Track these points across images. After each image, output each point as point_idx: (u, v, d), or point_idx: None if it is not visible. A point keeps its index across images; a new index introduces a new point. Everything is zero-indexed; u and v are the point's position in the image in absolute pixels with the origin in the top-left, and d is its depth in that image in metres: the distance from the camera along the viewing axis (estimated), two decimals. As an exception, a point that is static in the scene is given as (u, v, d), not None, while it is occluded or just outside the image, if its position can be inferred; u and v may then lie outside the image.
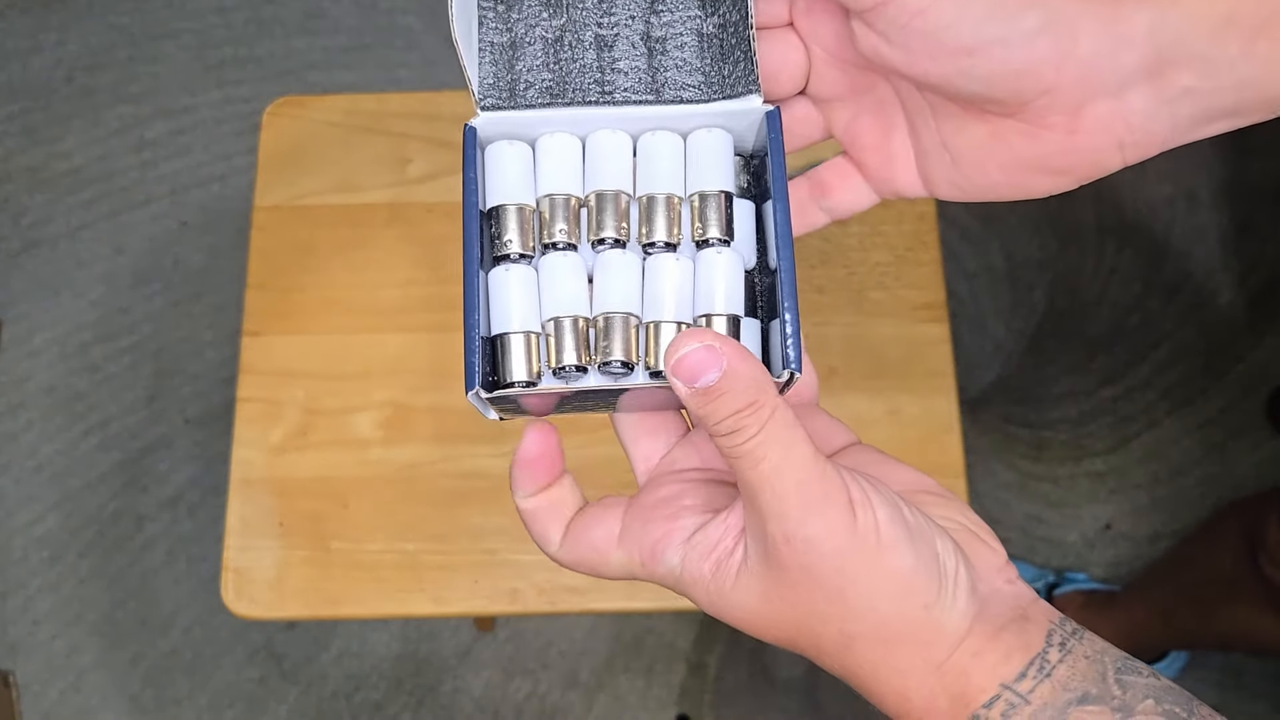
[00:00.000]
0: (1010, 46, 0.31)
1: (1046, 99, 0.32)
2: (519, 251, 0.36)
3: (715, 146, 0.37)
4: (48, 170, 1.55)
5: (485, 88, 0.37)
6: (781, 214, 0.35)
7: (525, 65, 0.37)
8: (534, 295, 0.36)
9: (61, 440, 1.44)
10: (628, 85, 0.37)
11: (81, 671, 1.36)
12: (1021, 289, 1.48)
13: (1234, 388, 1.43)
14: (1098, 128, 0.33)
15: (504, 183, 0.36)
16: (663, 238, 0.36)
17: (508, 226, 0.36)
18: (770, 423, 0.31)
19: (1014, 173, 0.35)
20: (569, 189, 0.36)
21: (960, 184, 0.36)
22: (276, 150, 0.88)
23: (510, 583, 0.78)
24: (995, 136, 0.34)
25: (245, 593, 0.78)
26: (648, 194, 0.36)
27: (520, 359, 0.35)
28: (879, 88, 0.38)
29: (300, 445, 0.81)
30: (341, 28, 1.60)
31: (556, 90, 0.37)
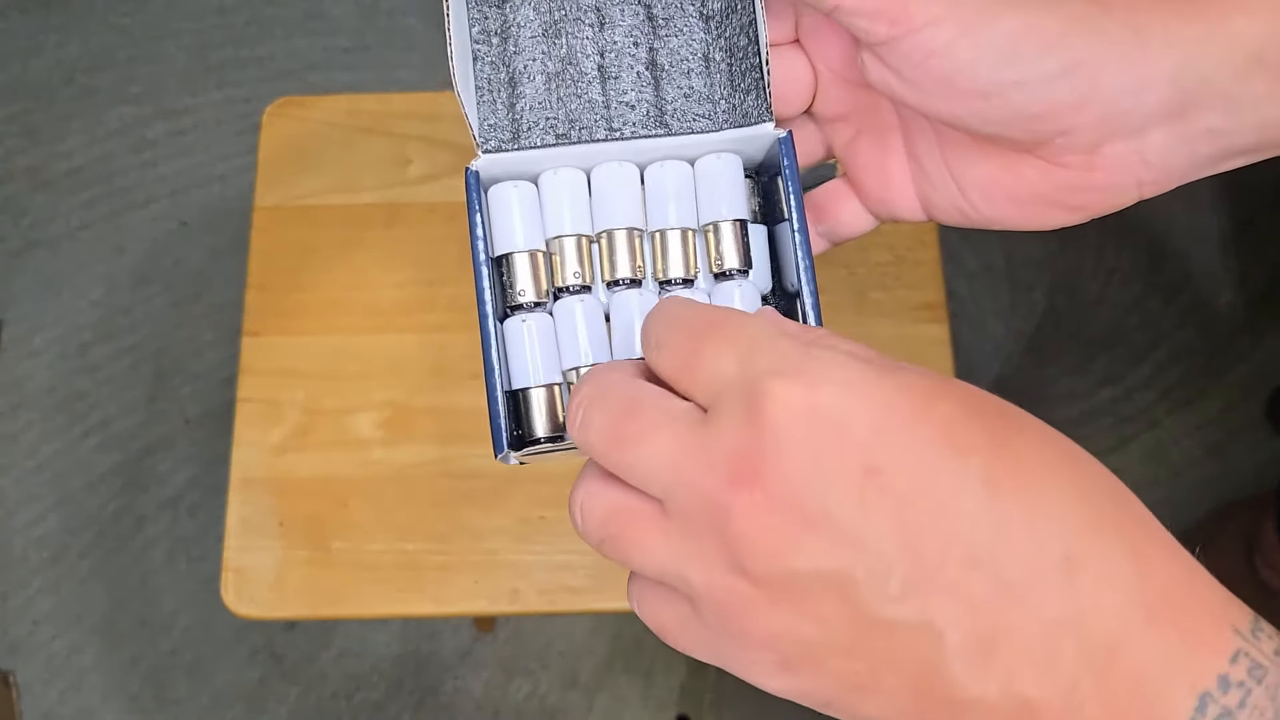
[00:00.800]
0: (1029, 90, 0.30)
1: (1064, 139, 0.31)
2: (533, 300, 0.34)
3: (726, 172, 0.36)
4: (48, 170, 1.55)
5: (486, 129, 0.35)
6: (803, 241, 0.34)
7: (526, 104, 0.36)
8: (552, 344, 0.35)
9: (61, 440, 1.43)
10: (635, 119, 0.36)
11: (81, 671, 1.35)
12: (1021, 289, 1.47)
13: (1234, 388, 1.43)
14: (1116, 166, 0.32)
15: (511, 228, 0.35)
16: (679, 274, 0.35)
17: (519, 275, 0.34)
18: None
19: (1025, 206, 0.34)
20: (578, 228, 0.35)
21: (966, 212, 0.35)
22: (276, 150, 0.88)
23: (510, 583, 0.78)
24: (1007, 169, 0.33)
25: (245, 593, 0.78)
26: (660, 229, 0.35)
27: (543, 414, 0.34)
28: (882, 109, 0.37)
29: (300, 445, 0.81)
30: (342, 28, 1.60)
31: (561, 129, 0.35)
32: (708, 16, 0.36)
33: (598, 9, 0.36)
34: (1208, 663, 0.23)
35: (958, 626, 0.24)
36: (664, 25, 0.36)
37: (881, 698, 0.25)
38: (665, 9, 0.36)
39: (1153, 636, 0.24)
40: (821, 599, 0.24)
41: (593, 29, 0.36)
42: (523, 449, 0.34)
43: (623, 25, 0.36)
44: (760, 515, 0.24)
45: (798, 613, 0.25)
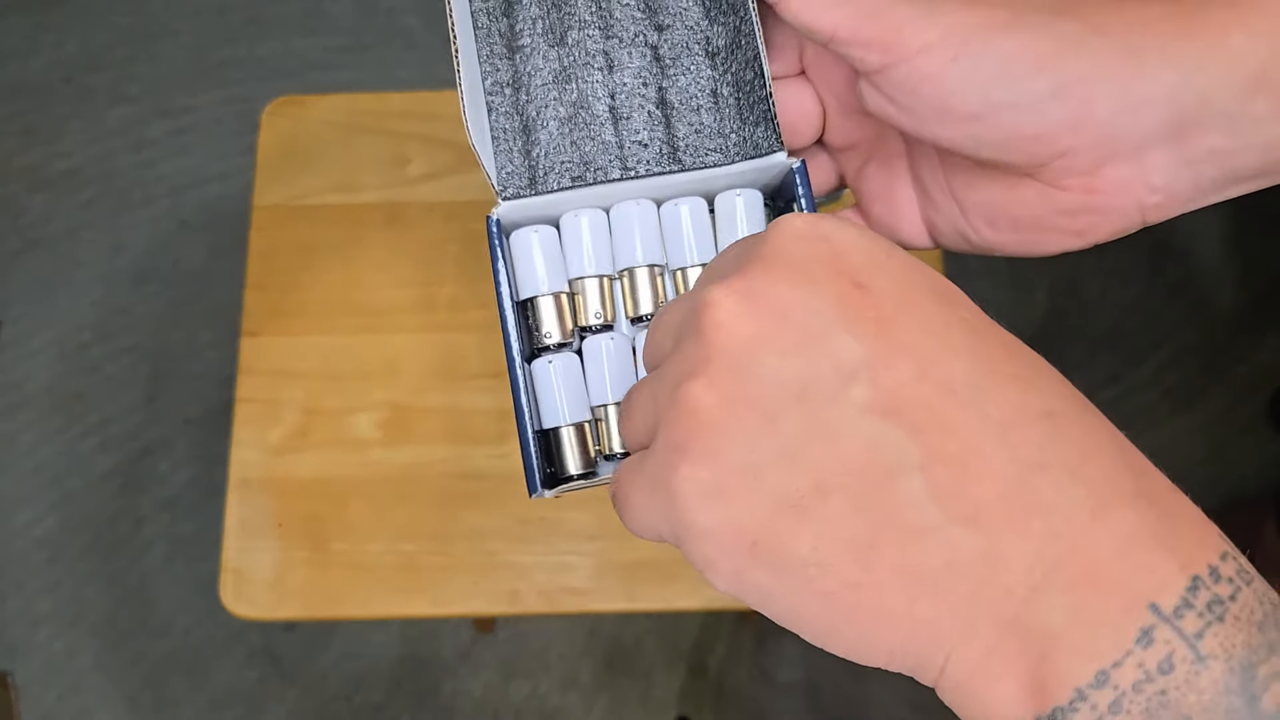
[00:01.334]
0: (1021, 111, 0.30)
1: (1063, 162, 0.31)
2: (558, 341, 0.35)
3: (744, 209, 0.36)
4: (47, 170, 1.55)
5: (504, 176, 0.36)
6: None
7: (542, 149, 0.36)
8: (579, 383, 0.35)
9: (60, 441, 1.43)
10: (649, 158, 0.36)
11: (80, 672, 1.35)
12: (1023, 289, 1.47)
13: (1235, 389, 1.43)
14: (1117, 189, 0.31)
15: (534, 272, 0.36)
16: None
17: (544, 319, 0.35)
18: None
19: (1027, 230, 0.34)
20: (600, 269, 0.36)
21: (970, 238, 0.35)
22: (275, 150, 0.88)
23: (510, 584, 0.78)
24: (1009, 193, 0.33)
25: (244, 594, 0.78)
26: (680, 268, 0.36)
27: (574, 451, 0.35)
28: (890, 137, 0.37)
29: (299, 446, 0.81)
30: (341, 27, 1.60)
31: (577, 171, 0.36)
32: (713, 53, 0.37)
33: (606, 53, 0.37)
34: (1197, 552, 0.22)
35: (925, 444, 0.22)
36: (671, 65, 0.37)
37: (819, 525, 0.23)
38: (672, 49, 0.37)
39: (1141, 509, 0.22)
40: (776, 399, 0.23)
41: (602, 72, 0.37)
42: (555, 486, 0.34)
43: (631, 67, 0.37)
44: (734, 303, 0.24)
45: (749, 415, 0.23)
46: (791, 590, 0.23)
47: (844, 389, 0.23)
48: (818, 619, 0.23)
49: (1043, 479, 0.22)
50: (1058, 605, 0.21)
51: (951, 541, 0.22)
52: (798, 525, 0.23)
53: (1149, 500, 0.22)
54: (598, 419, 0.35)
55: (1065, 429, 0.23)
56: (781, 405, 0.23)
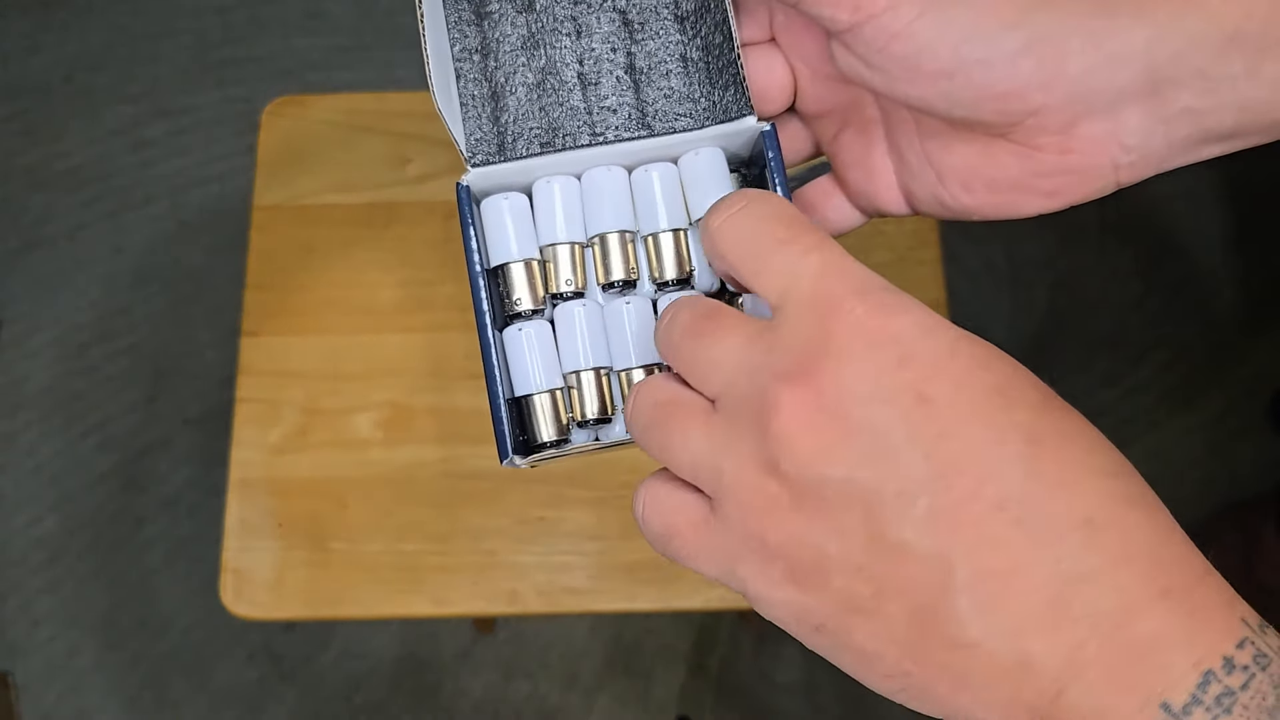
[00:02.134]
0: (992, 68, 0.30)
1: (1035, 120, 0.31)
2: (530, 308, 0.35)
3: (710, 167, 0.36)
4: (47, 170, 1.55)
5: (473, 143, 0.36)
6: None
7: (511, 115, 0.36)
8: (551, 350, 0.35)
9: (60, 441, 1.43)
10: (618, 123, 0.36)
11: (80, 672, 1.35)
12: (1023, 289, 1.47)
13: (1235, 389, 1.43)
14: (1091, 148, 0.31)
15: (505, 238, 0.36)
16: (673, 275, 0.35)
17: (515, 285, 0.35)
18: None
19: (1002, 193, 0.34)
20: (571, 235, 0.36)
21: (946, 202, 0.35)
22: (275, 150, 0.88)
23: (510, 584, 0.78)
24: (984, 155, 0.33)
25: (244, 593, 0.78)
26: (652, 233, 0.36)
27: (547, 419, 0.34)
28: (864, 104, 0.36)
29: (299, 446, 0.81)
30: (341, 27, 1.60)
31: (546, 138, 0.36)
32: (682, 18, 0.37)
33: (574, 18, 0.37)
34: (1214, 643, 0.23)
35: (972, 563, 0.24)
36: (640, 29, 0.37)
37: (877, 625, 0.25)
38: (640, 13, 0.37)
39: (1163, 610, 0.23)
40: (845, 510, 0.25)
41: (570, 38, 0.37)
42: (529, 455, 0.34)
43: (600, 32, 0.37)
44: (805, 413, 0.25)
45: (818, 520, 0.25)
46: (849, 662, 0.26)
47: (907, 508, 0.24)
48: (872, 684, 0.26)
49: (1078, 590, 0.24)
50: (1083, 705, 0.23)
51: (992, 653, 0.24)
52: (858, 622, 0.25)
53: (1177, 597, 0.24)
54: (570, 386, 0.35)
55: (1103, 535, 0.24)
56: (849, 517, 0.25)
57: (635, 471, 0.79)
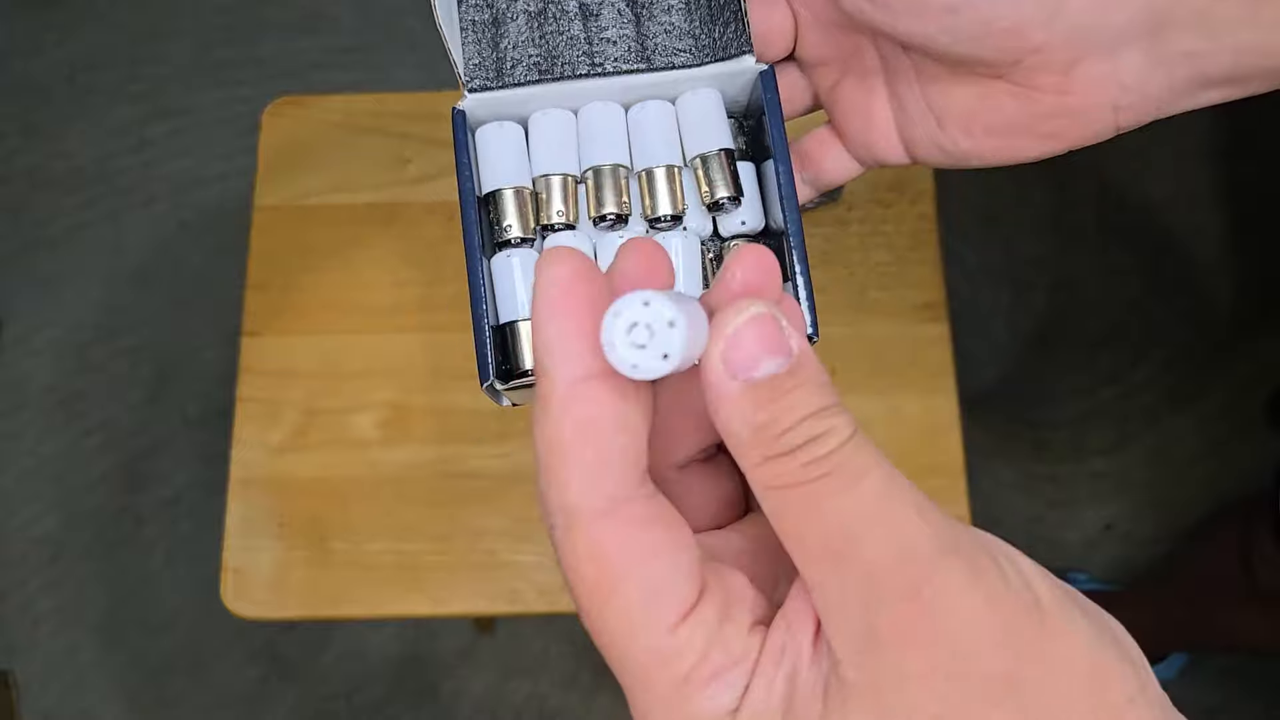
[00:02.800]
0: (996, 3, 0.30)
1: (1036, 58, 0.31)
2: (520, 235, 0.35)
3: (706, 106, 0.36)
4: (48, 170, 1.55)
5: (471, 68, 0.36)
6: (785, 174, 0.34)
7: (510, 42, 0.36)
8: None
9: (61, 440, 1.43)
10: (617, 55, 0.36)
11: (81, 671, 1.35)
12: (1022, 288, 1.47)
13: (1235, 387, 1.43)
14: (1091, 89, 0.31)
15: (498, 166, 0.35)
16: (667, 211, 0.35)
17: (506, 211, 0.35)
18: (858, 428, 0.21)
19: (1002, 136, 0.33)
20: (565, 168, 0.35)
21: (945, 148, 0.35)
22: (276, 150, 0.88)
23: (510, 583, 0.78)
24: (983, 99, 0.33)
25: (245, 593, 0.78)
26: (646, 168, 0.35)
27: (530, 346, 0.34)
28: (864, 51, 0.36)
29: (300, 445, 0.81)
30: (342, 28, 1.60)
31: (545, 65, 0.36)
32: None
33: None
34: None
35: None
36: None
37: None
38: None
39: None
40: None
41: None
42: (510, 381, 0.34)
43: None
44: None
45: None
46: None
47: None
48: None
49: None
50: None
51: None
52: None
53: None
54: None
55: None
56: None
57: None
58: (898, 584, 0.20)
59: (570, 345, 0.21)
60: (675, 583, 0.21)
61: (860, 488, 0.20)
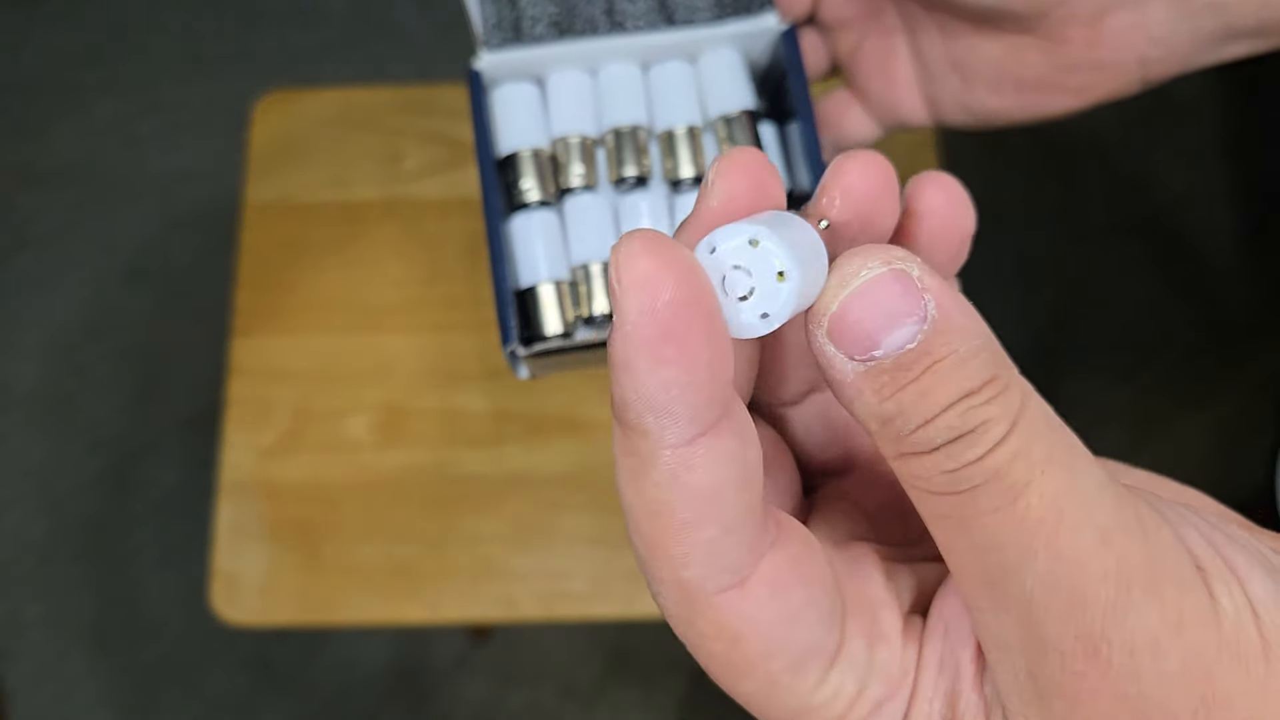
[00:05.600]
0: None
1: (1065, 10, 0.31)
2: (538, 199, 0.34)
3: (727, 66, 0.36)
4: (35, 168, 1.54)
5: (489, 28, 0.35)
6: (809, 133, 0.34)
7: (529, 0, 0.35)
8: (559, 242, 0.34)
9: (49, 443, 1.43)
10: (637, 11, 0.36)
11: (70, 678, 1.35)
12: (1030, 289, 1.47)
13: (1246, 391, 1.42)
14: (1118, 41, 0.31)
15: (515, 128, 0.35)
16: (689, 174, 0.35)
17: (524, 173, 0.34)
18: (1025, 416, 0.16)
19: (1029, 92, 0.33)
20: (583, 129, 0.35)
21: (971, 107, 0.35)
22: (267, 146, 0.87)
23: (506, 590, 0.77)
24: (1010, 54, 0.33)
25: (235, 599, 0.77)
26: (667, 129, 0.35)
27: (553, 311, 0.33)
28: (885, 12, 0.36)
29: (291, 448, 0.80)
30: (333, 21, 1.59)
31: (564, 23, 0.35)
32: None
33: None
34: None
35: None
36: None
37: None
38: None
39: None
40: None
41: None
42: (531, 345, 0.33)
43: None
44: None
45: None
46: None
47: None
48: None
49: None
50: None
51: None
52: None
53: None
54: (577, 282, 0.34)
55: None
56: None
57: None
58: (1068, 636, 0.16)
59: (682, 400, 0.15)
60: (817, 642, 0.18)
61: (1018, 506, 0.16)
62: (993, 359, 0.17)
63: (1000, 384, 0.16)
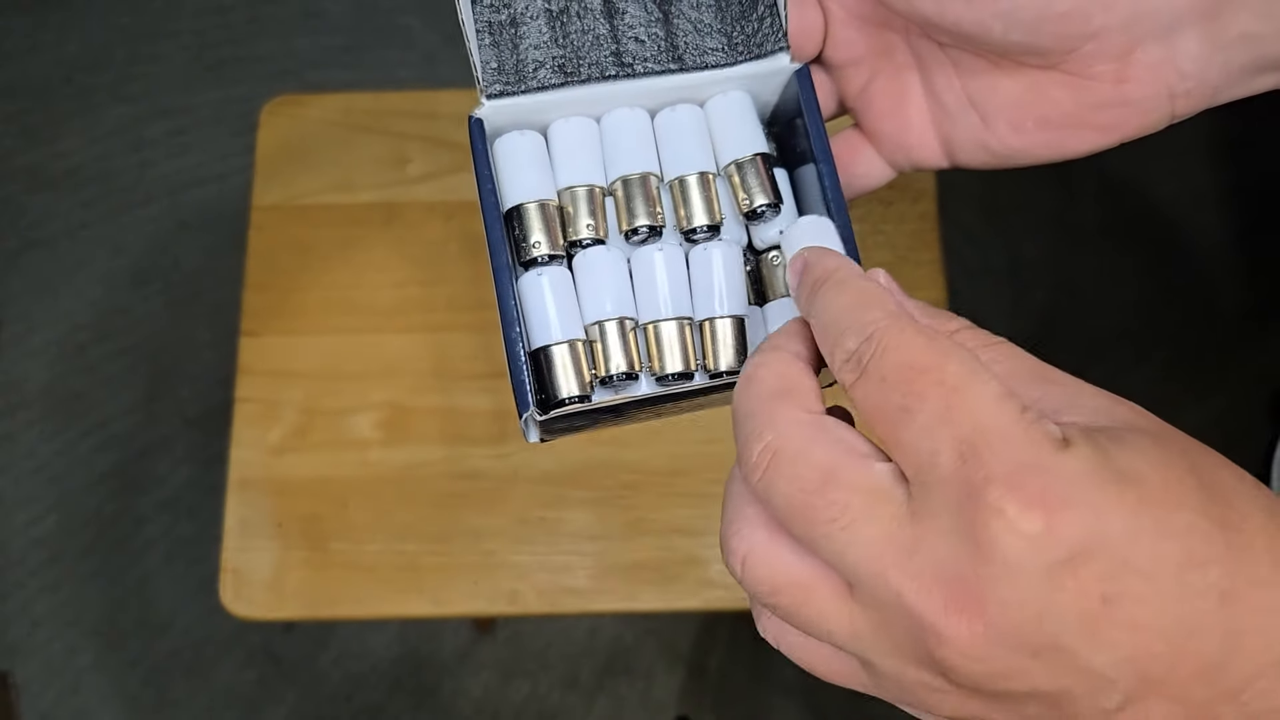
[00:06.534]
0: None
1: (1094, 45, 0.29)
2: (548, 253, 0.32)
3: (737, 109, 0.34)
4: (46, 170, 1.54)
5: (490, 73, 0.33)
6: (830, 174, 0.32)
7: (530, 44, 0.33)
8: (571, 299, 0.32)
9: (60, 441, 1.43)
10: (646, 54, 0.33)
11: (80, 672, 1.35)
12: (1023, 289, 1.47)
13: (1238, 389, 1.42)
14: (1148, 76, 0.30)
15: (520, 179, 0.33)
16: (704, 221, 0.33)
17: (532, 228, 0.32)
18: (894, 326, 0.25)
19: (1054, 130, 0.32)
20: (591, 178, 0.33)
21: (992, 147, 0.33)
22: (274, 149, 0.87)
23: (510, 584, 0.78)
24: (1033, 91, 0.31)
25: (243, 594, 0.78)
26: (679, 176, 0.33)
27: (568, 372, 0.31)
28: (896, 50, 0.34)
29: (299, 446, 0.80)
30: (340, 27, 1.59)
31: (570, 68, 0.33)
32: None
33: None
34: None
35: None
36: None
37: None
38: None
39: None
40: (1028, 706, 0.23)
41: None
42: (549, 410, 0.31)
43: None
44: (979, 646, 0.22)
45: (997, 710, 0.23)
46: None
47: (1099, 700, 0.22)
48: None
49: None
50: None
51: None
52: None
53: None
54: (592, 340, 0.32)
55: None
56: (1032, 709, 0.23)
57: (637, 471, 0.79)
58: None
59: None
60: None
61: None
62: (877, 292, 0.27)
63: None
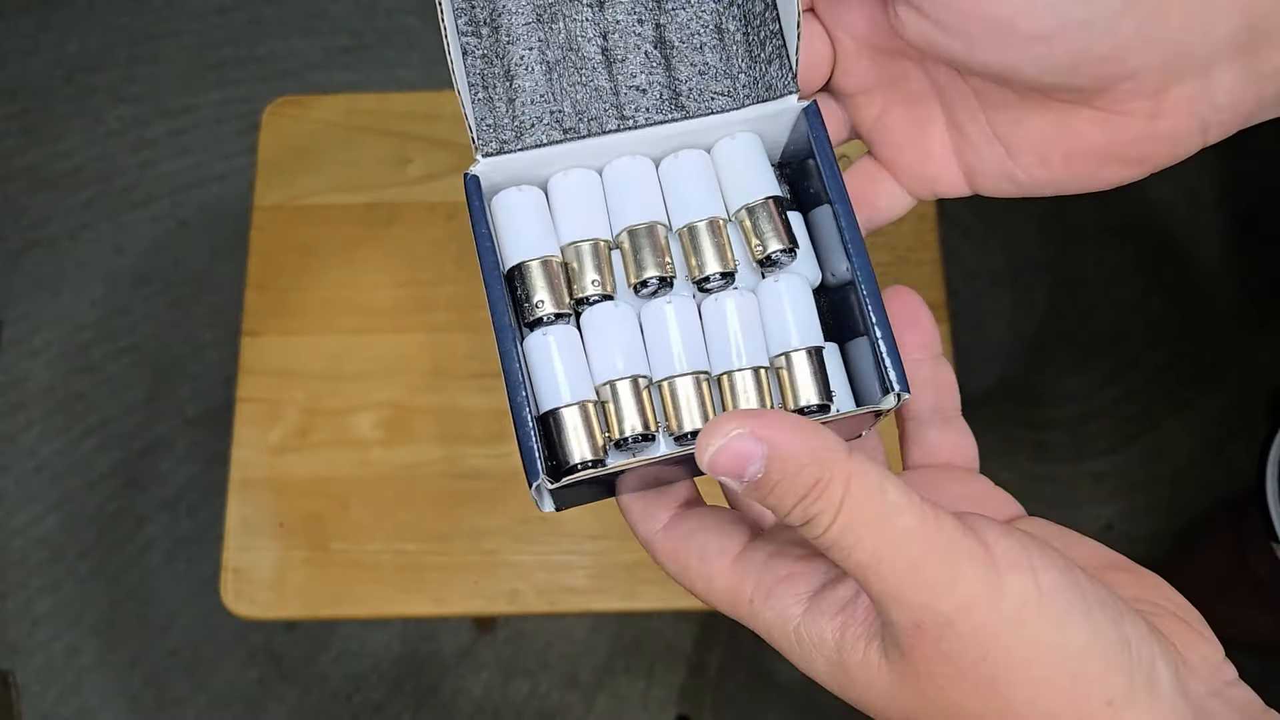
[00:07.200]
0: (1093, 30, 0.27)
1: (1130, 84, 0.28)
2: (553, 312, 0.30)
3: (746, 151, 0.32)
4: (47, 170, 1.54)
5: (485, 130, 0.31)
6: (846, 214, 0.30)
7: (526, 98, 0.32)
8: (580, 359, 0.30)
9: (61, 440, 1.43)
10: (648, 104, 0.32)
11: (81, 671, 1.35)
12: (1022, 289, 1.47)
13: (1235, 388, 1.43)
14: (1182, 110, 0.28)
15: (521, 236, 0.31)
16: (716, 269, 0.31)
17: (535, 287, 0.31)
18: (847, 502, 0.24)
19: (1082, 164, 0.30)
20: (595, 232, 0.31)
21: (1017, 178, 0.32)
22: (276, 150, 0.88)
23: (510, 583, 0.78)
24: (1060, 126, 0.30)
25: (245, 593, 0.78)
26: (688, 224, 0.32)
27: (580, 436, 0.30)
28: (911, 77, 0.33)
29: (300, 445, 0.81)
30: (342, 27, 1.60)
31: (569, 123, 0.32)
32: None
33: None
34: None
35: None
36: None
37: None
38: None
39: None
40: None
41: (591, 9, 0.32)
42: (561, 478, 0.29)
43: (624, 2, 0.32)
44: None
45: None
46: None
47: None
48: None
49: None
50: None
51: None
52: None
53: None
54: (603, 400, 0.30)
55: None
56: None
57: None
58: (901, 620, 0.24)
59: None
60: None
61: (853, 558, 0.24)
62: (818, 468, 0.24)
63: (822, 485, 0.24)
